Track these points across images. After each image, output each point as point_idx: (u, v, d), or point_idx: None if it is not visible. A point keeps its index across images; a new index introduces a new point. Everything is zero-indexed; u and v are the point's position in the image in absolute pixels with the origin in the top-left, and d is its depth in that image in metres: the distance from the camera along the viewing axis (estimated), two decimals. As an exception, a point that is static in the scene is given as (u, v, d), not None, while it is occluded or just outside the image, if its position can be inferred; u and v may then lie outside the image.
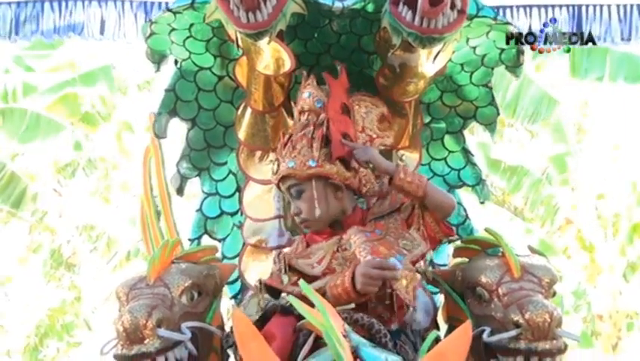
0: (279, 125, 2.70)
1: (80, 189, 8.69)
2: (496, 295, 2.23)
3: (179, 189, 2.80)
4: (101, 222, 8.43)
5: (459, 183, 2.92)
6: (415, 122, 2.78)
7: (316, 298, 1.78)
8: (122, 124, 8.59)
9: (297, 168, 2.35)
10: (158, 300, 2.17)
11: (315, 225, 2.38)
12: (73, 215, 8.60)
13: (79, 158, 8.28)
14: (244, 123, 2.73)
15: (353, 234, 2.31)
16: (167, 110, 2.73)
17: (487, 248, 2.42)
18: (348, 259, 2.28)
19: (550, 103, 6.56)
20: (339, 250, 2.32)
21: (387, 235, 2.32)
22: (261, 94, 2.65)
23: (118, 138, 8.66)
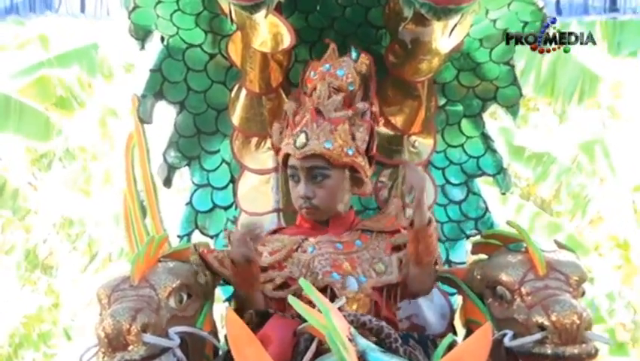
0: (277, 109, 2.70)
1: (57, 181, 8.71)
2: (519, 294, 2.23)
3: (166, 181, 2.81)
4: (80, 219, 8.44)
5: (478, 172, 2.92)
6: (429, 104, 2.78)
7: (318, 298, 1.79)
8: (105, 110, 8.59)
9: (334, 150, 2.37)
10: (143, 302, 2.18)
11: (321, 214, 2.43)
12: (50, 211, 8.61)
13: (56, 147, 8.29)
14: (238, 107, 2.74)
15: (321, 242, 2.39)
16: (152, 93, 2.74)
17: (509, 243, 2.43)
18: (303, 264, 2.35)
19: (593, 80, 6.49)
20: (299, 250, 2.38)
21: (365, 250, 2.40)
22: (257, 74, 2.65)
23: (102, 125, 8.66)
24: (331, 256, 2.36)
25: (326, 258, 2.35)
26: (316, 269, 2.33)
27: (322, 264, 2.34)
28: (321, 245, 2.39)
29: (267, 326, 2.25)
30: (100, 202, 8.38)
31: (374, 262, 2.38)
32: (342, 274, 2.33)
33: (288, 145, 2.41)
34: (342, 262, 2.35)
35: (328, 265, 2.33)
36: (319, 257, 2.36)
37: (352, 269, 2.35)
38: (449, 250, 2.89)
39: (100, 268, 7.99)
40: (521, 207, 7.45)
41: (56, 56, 7.25)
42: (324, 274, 2.33)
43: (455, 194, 2.93)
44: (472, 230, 2.89)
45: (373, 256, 2.39)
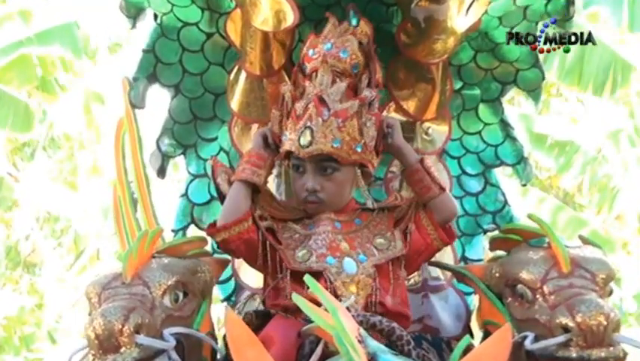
0: (280, 93, 2.70)
1: (41, 173, 8.72)
2: (541, 293, 2.24)
3: (160, 171, 2.82)
4: (66, 213, 8.45)
5: (496, 161, 2.93)
6: (444, 88, 2.79)
7: (325, 296, 1.79)
8: (89, 94, 8.58)
9: (342, 149, 2.38)
10: (136, 301, 2.18)
11: (324, 208, 2.43)
12: (33, 204, 8.62)
13: (38, 135, 8.29)
14: (238, 90, 2.75)
15: (320, 219, 2.41)
16: (145, 75, 2.74)
17: (530, 238, 2.43)
18: (295, 236, 2.39)
19: (625, 68, 6.45)
20: (300, 223, 2.42)
21: (365, 228, 2.42)
22: (258, 55, 2.66)
23: (86, 111, 8.66)
24: (328, 235, 2.37)
25: (322, 238, 2.36)
26: (311, 248, 2.34)
27: (318, 244, 2.35)
28: (320, 222, 2.40)
29: (269, 326, 2.26)
30: (87, 195, 8.38)
31: (374, 239, 2.40)
32: (339, 256, 2.33)
33: (291, 142, 2.39)
34: (339, 242, 2.36)
35: (324, 247, 2.34)
36: (316, 236, 2.37)
37: (351, 249, 2.36)
38: (465, 246, 2.90)
39: (87, 265, 8.01)
40: (542, 200, 7.46)
41: (37, 33, 7.24)
42: (319, 257, 2.33)
43: (472, 185, 2.94)
44: (489, 224, 2.90)
45: (375, 233, 2.41)
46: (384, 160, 2.83)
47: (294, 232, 2.40)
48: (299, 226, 2.41)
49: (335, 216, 2.43)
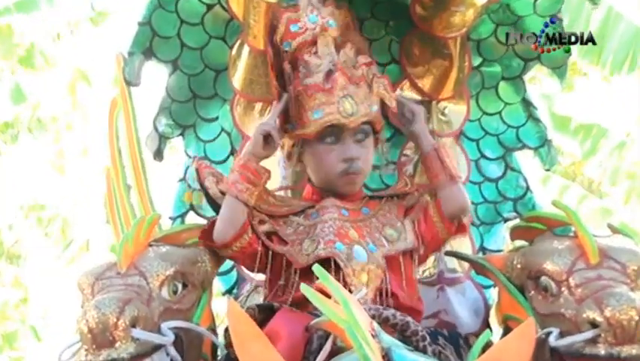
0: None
1: (25, 156, 8.71)
2: (567, 286, 2.24)
3: (157, 153, 2.83)
4: (53, 201, 8.45)
5: (517, 144, 2.93)
6: (462, 64, 2.79)
7: (336, 287, 1.80)
8: (75, 72, 8.56)
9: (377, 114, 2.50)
10: (132, 293, 2.20)
11: (360, 182, 2.52)
12: (17, 191, 8.62)
13: (22, 115, 8.28)
14: (240, 66, 2.75)
15: (325, 206, 2.43)
16: (140, 50, 2.74)
17: (555, 227, 2.44)
18: (300, 229, 2.41)
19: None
20: (301, 215, 2.45)
21: (374, 217, 2.45)
22: (262, 28, 2.65)
23: (71, 91, 8.65)
24: (335, 222, 2.39)
25: (329, 225, 2.38)
26: (318, 237, 2.36)
27: (325, 232, 2.37)
28: (325, 210, 2.43)
29: (275, 320, 2.26)
30: (76, 180, 8.38)
31: (384, 229, 2.43)
32: (348, 243, 2.35)
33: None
34: (347, 229, 2.39)
35: (332, 234, 2.36)
36: (322, 224, 2.39)
37: (360, 238, 2.38)
38: (484, 235, 2.90)
39: (76, 257, 8.00)
40: (565, 188, 7.43)
41: (15, 2, 7.21)
42: (327, 243, 2.34)
43: (491, 170, 2.94)
44: (510, 212, 2.90)
45: (384, 223, 2.45)
46: (397, 142, 2.84)
47: (298, 225, 2.43)
48: (301, 217, 2.44)
49: (341, 203, 2.45)
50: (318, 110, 2.43)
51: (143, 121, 2.81)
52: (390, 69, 2.86)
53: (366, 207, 2.48)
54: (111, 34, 7.52)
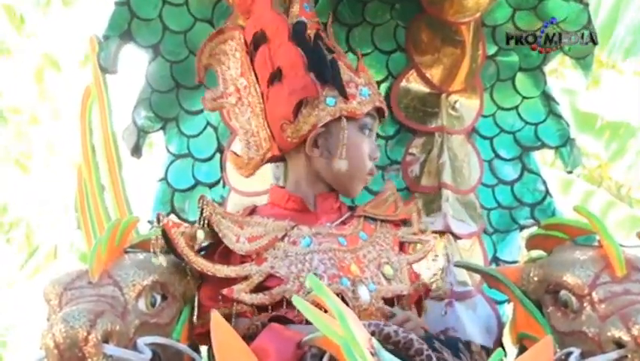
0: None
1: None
2: (590, 301, 2.24)
3: (134, 149, 2.85)
4: (16, 203, 8.44)
5: (536, 143, 2.96)
6: (475, 53, 2.82)
7: (332, 299, 1.80)
8: (43, 57, 8.53)
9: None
10: (105, 304, 2.19)
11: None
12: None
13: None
14: (229, 53, 2.76)
15: (320, 234, 2.41)
16: (117, 33, 2.76)
17: (577, 236, 2.44)
18: (296, 260, 2.35)
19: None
20: (285, 240, 2.38)
21: (371, 245, 2.45)
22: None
23: (38, 79, 8.61)
24: (335, 254, 2.38)
25: (330, 257, 2.37)
26: (318, 270, 2.35)
27: (326, 265, 2.35)
28: (321, 238, 2.41)
29: (263, 336, 2.25)
30: (42, 179, 8.36)
31: (382, 262, 2.42)
32: (352, 279, 2.36)
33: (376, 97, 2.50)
34: (348, 262, 2.38)
35: (334, 267, 2.35)
36: (320, 255, 2.37)
37: (361, 272, 2.38)
38: (497, 245, 2.93)
39: (42, 266, 7.98)
40: (590, 194, 7.42)
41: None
42: (331, 278, 2.34)
43: (507, 172, 2.96)
44: (527, 219, 2.93)
45: (380, 255, 2.44)
46: (401, 140, 2.86)
47: (285, 254, 2.37)
48: (286, 242, 2.39)
49: (336, 229, 2.45)
50: (365, 87, 2.47)
51: (120, 113, 2.82)
52: (395, 58, 2.88)
53: (363, 231, 2.48)
54: (84, 15, 7.50)
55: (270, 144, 2.48)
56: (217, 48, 2.55)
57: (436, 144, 2.84)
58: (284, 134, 2.43)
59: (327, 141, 2.44)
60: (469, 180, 2.88)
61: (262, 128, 2.48)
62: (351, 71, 2.49)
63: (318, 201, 2.48)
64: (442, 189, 2.82)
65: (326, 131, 2.43)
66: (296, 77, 2.40)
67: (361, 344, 1.77)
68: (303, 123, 2.41)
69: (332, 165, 2.45)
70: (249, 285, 2.31)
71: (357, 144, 2.46)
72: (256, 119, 2.49)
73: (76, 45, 7.32)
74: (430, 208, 2.84)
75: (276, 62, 2.45)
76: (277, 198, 2.51)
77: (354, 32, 2.91)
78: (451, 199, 2.83)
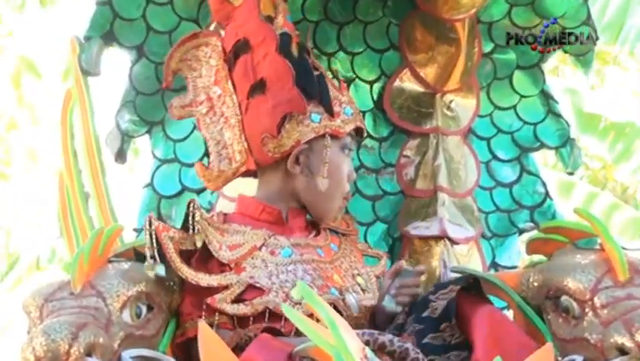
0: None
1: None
2: (592, 307, 2.24)
3: (119, 154, 2.84)
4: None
5: (535, 143, 2.97)
6: (470, 51, 2.83)
7: (323, 307, 1.81)
8: (20, 60, 8.49)
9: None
10: (87, 316, 2.18)
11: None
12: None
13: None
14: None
15: (300, 245, 2.43)
16: (99, 34, 2.76)
17: (578, 239, 2.44)
18: (271, 270, 2.36)
19: None
20: (263, 249, 2.40)
21: (342, 257, 2.49)
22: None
23: (15, 83, 8.59)
24: (318, 265, 2.42)
25: (314, 267, 2.40)
26: (305, 281, 2.36)
27: (312, 275, 2.38)
28: (301, 249, 2.44)
29: (252, 347, 2.25)
30: (23, 187, 8.34)
31: (354, 273, 2.48)
32: (339, 288, 2.40)
33: (357, 117, 2.52)
34: (330, 273, 2.42)
35: (320, 278, 2.38)
36: (304, 265, 2.39)
37: (343, 282, 2.42)
38: (496, 249, 2.94)
39: (23, 277, 7.95)
40: (593, 196, 7.42)
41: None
42: (321, 288, 2.36)
43: (505, 173, 2.97)
44: (526, 222, 2.93)
45: (352, 266, 2.49)
46: (395, 142, 2.86)
47: (265, 264, 2.38)
48: (265, 252, 2.40)
49: (313, 240, 2.48)
50: (348, 107, 2.50)
51: (103, 117, 2.82)
52: (388, 56, 2.89)
53: (332, 242, 2.52)
54: (64, 16, 7.48)
55: (246, 157, 2.48)
56: (189, 53, 2.54)
57: (431, 146, 2.85)
58: (264, 148, 2.44)
59: (308, 158, 2.45)
60: (466, 183, 2.88)
61: (237, 141, 2.48)
62: (335, 88, 2.51)
63: (290, 216, 2.49)
64: (438, 193, 2.83)
65: (308, 149, 2.45)
66: (282, 90, 2.41)
67: (354, 354, 1.77)
68: (286, 138, 2.42)
69: (312, 183, 2.46)
70: (230, 295, 2.32)
71: (339, 163, 2.48)
72: (230, 130, 2.49)
73: (55, 47, 7.30)
74: (426, 212, 2.85)
75: (260, 73, 2.45)
76: (249, 208, 2.51)
77: (345, 30, 2.92)
78: (447, 203, 2.83)
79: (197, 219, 2.33)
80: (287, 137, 2.42)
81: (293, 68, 2.41)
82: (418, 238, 2.85)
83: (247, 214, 2.49)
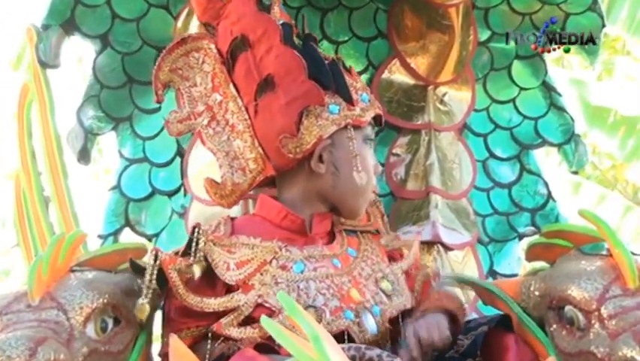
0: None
1: None
2: (598, 318, 2.24)
3: (82, 154, 2.84)
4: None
5: (536, 140, 2.98)
6: (465, 39, 2.83)
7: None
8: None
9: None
10: (47, 330, 2.17)
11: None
12: None
13: None
14: (189, 43, 2.76)
15: (313, 256, 2.37)
16: (59, 22, 2.76)
17: (583, 244, 2.44)
18: (282, 287, 2.30)
19: None
20: (274, 263, 2.34)
21: (362, 261, 2.41)
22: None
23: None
24: (333, 280, 2.34)
25: (328, 285, 2.32)
26: (317, 302, 2.31)
27: (325, 295, 2.31)
28: (315, 262, 2.37)
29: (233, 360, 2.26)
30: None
31: (378, 278, 2.39)
32: (355, 309, 2.32)
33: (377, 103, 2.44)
34: (348, 288, 2.34)
35: (335, 298, 2.31)
36: (317, 283, 2.32)
37: (362, 297, 2.35)
38: (493, 256, 2.94)
39: (-25, 291, 7.94)
40: (603, 198, 7.45)
41: None
42: (334, 312, 2.30)
43: (503, 173, 2.98)
44: (527, 226, 2.94)
45: (374, 270, 2.41)
46: (384, 139, 2.86)
47: (275, 280, 2.32)
48: (275, 267, 2.33)
49: (328, 249, 2.41)
50: (364, 93, 2.43)
51: (64, 114, 2.81)
52: (375, 45, 2.90)
53: (349, 247, 2.44)
54: (19, 2, 7.49)
55: (263, 164, 2.42)
56: (178, 62, 2.46)
57: (423, 143, 2.85)
58: (283, 149, 2.36)
59: (332, 154, 2.38)
60: (461, 184, 2.89)
61: (249, 148, 2.42)
62: (348, 75, 2.45)
63: (315, 222, 2.42)
64: (431, 194, 2.82)
65: (331, 144, 2.37)
66: (294, 84, 2.35)
67: (337, 369, 1.76)
68: (306, 136, 2.35)
69: (340, 180, 2.39)
70: (237, 318, 2.27)
71: (365, 155, 2.42)
72: (239, 138, 2.43)
73: (9, 36, 7.32)
74: (417, 216, 2.85)
75: (265, 70, 2.39)
76: (270, 212, 2.44)
77: (329, 17, 2.92)
78: (440, 205, 2.84)
79: (201, 246, 2.28)
80: (307, 134, 2.34)
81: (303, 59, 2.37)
82: None
83: (266, 218, 2.43)
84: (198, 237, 2.28)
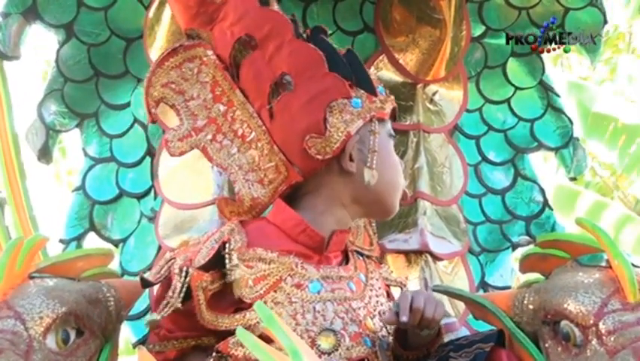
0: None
1: None
2: (596, 333, 2.24)
3: (42, 152, 2.84)
4: None
5: (532, 144, 2.98)
6: (457, 35, 2.83)
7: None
8: None
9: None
10: (3, 341, 2.16)
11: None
12: None
13: None
14: (161, 34, 2.78)
15: (330, 277, 2.34)
16: (20, 10, 2.76)
17: (581, 255, 2.45)
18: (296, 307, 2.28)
19: None
20: (288, 281, 2.31)
21: (369, 288, 2.40)
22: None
23: None
24: (350, 305, 2.32)
25: (346, 309, 2.31)
26: (336, 326, 2.28)
27: (344, 319, 2.29)
28: (332, 283, 2.34)
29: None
30: None
31: (381, 311, 2.37)
32: (372, 338, 2.30)
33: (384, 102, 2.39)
34: (363, 316, 2.33)
35: (354, 323, 2.30)
36: (334, 305, 2.30)
37: (375, 327, 2.34)
38: (485, 267, 2.95)
39: None
40: (601, 207, 7.46)
41: None
42: (354, 338, 2.29)
43: (496, 178, 2.99)
44: (521, 235, 2.94)
45: (378, 302, 2.39)
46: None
47: (289, 300, 2.29)
48: (291, 285, 2.30)
49: (344, 270, 2.38)
50: (379, 85, 2.41)
51: (23, 109, 2.81)
52: (361, 40, 2.89)
53: (360, 271, 2.42)
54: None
55: (286, 171, 2.39)
56: (171, 75, 2.42)
57: (411, 145, 2.85)
58: (311, 151, 2.32)
59: (361, 152, 2.35)
60: (451, 189, 2.89)
61: (267, 156, 2.39)
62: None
63: (333, 240, 2.38)
64: (419, 200, 2.83)
65: (359, 140, 2.34)
66: (314, 79, 2.33)
67: (317, 383, 1.77)
68: (334, 133, 2.31)
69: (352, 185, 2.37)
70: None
71: (390, 151, 2.41)
72: (252, 147, 2.40)
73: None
74: (404, 223, 2.85)
75: (278, 69, 2.36)
76: (286, 223, 2.38)
77: (312, 9, 2.92)
78: (429, 212, 2.84)
79: (235, 262, 2.25)
80: (335, 131, 2.31)
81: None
82: (395, 252, 2.84)
83: (281, 228, 2.37)
84: (231, 253, 2.25)
